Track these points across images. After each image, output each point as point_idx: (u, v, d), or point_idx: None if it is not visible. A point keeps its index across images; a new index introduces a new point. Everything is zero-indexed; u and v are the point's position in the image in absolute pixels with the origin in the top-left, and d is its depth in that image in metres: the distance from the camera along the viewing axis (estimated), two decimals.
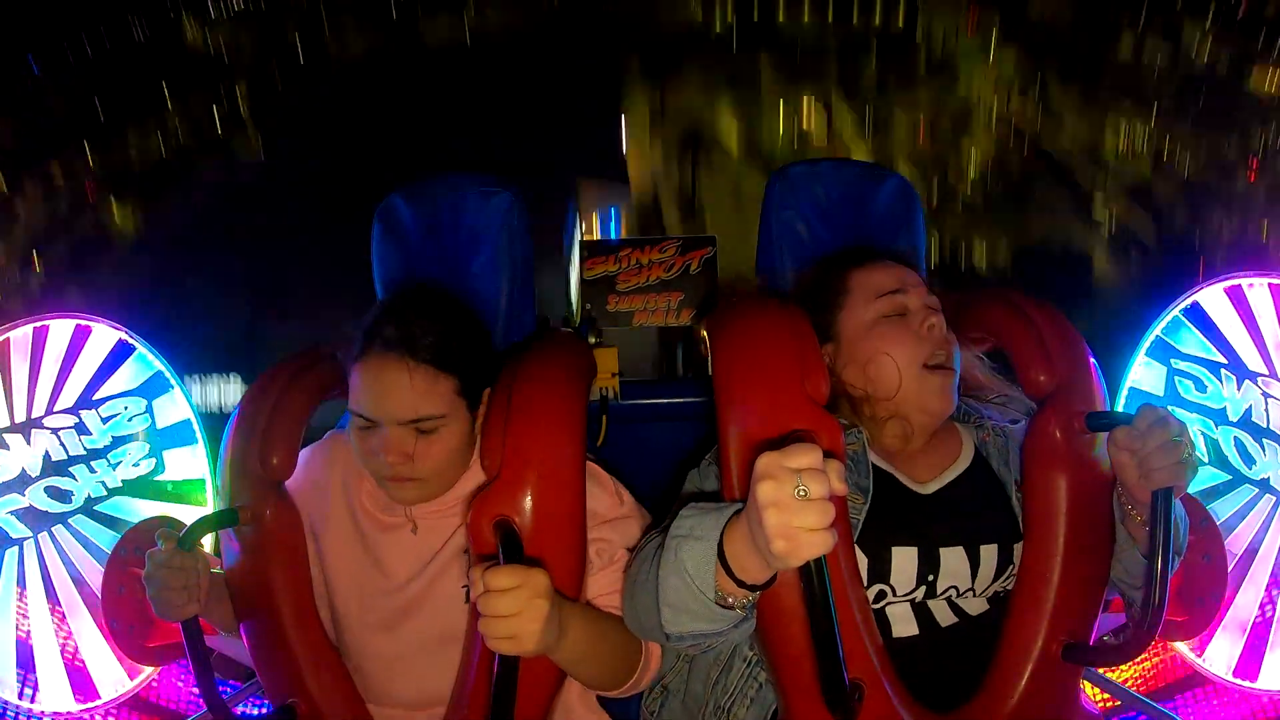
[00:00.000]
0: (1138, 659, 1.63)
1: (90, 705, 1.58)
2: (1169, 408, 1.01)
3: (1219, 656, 1.59)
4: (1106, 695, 1.52)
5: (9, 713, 1.56)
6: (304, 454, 1.24)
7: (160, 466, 1.66)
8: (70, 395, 1.64)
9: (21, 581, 1.60)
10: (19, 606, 1.59)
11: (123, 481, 1.64)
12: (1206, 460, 1.62)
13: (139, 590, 1.12)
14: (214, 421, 1.64)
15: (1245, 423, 1.62)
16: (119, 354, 1.66)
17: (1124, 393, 1.69)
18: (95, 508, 1.63)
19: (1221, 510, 1.60)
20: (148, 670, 1.59)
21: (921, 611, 1.08)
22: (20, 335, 1.63)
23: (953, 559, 1.07)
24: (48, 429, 1.62)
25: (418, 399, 1.06)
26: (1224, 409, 1.63)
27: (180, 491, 1.66)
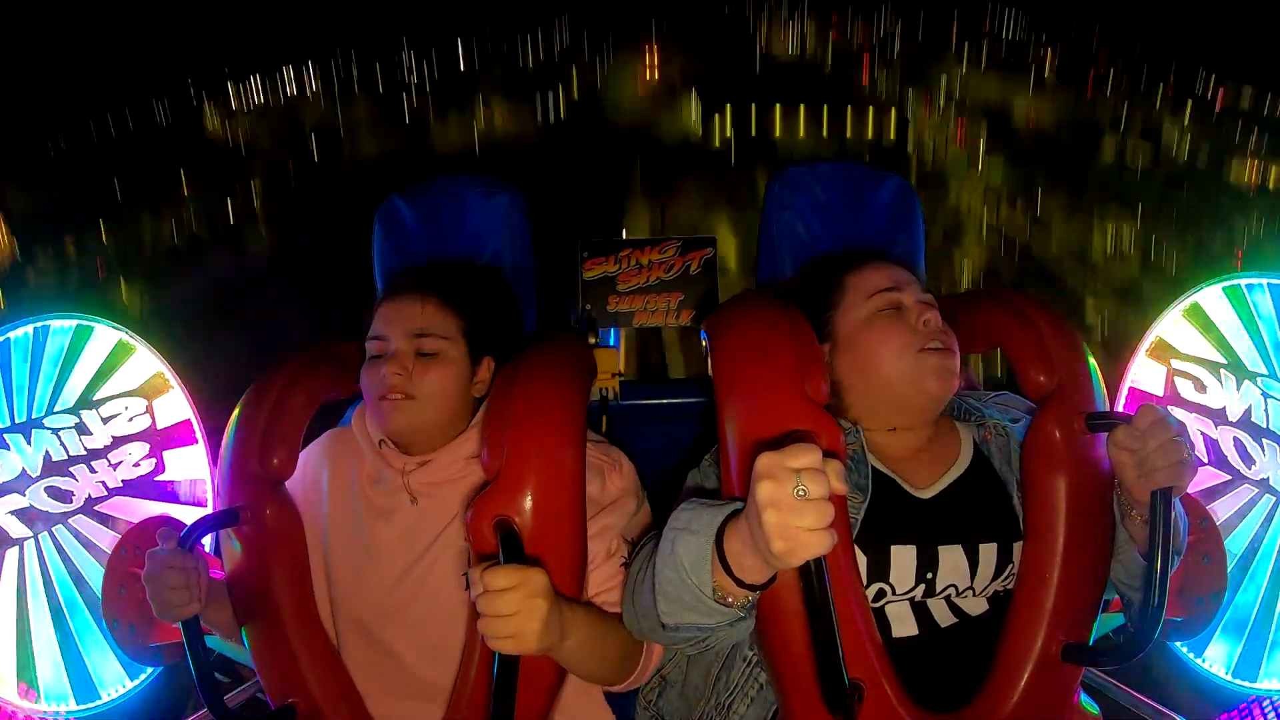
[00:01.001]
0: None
1: (90, 705, 1.58)
2: (1168, 408, 1.01)
3: (1219, 656, 1.59)
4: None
5: (9, 712, 1.56)
6: (304, 452, 1.25)
7: (160, 467, 1.66)
8: (71, 395, 1.64)
9: (22, 581, 1.60)
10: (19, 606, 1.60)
11: (123, 481, 1.64)
12: (1206, 460, 1.63)
13: (139, 590, 1.12)
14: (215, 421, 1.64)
15: (1245, 423, 1.62)
16: (119, 354, 1.66)
17: (1124, 393, 1.69)
18: (95, 508, 1.63)
19: (1221, 510, 1.60)
20: (148, 670, 1.59)
21: (921, 611, 1.08)
22: (21, 335, 1.63)
23: (951, 557, 1.07)
24: (48, 429, 1.62)
25: (426, 318, 1.19)
26: (1223, 409, 1.63)
27: (180, 492, 1.67)
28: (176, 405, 1.67)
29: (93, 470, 1.63)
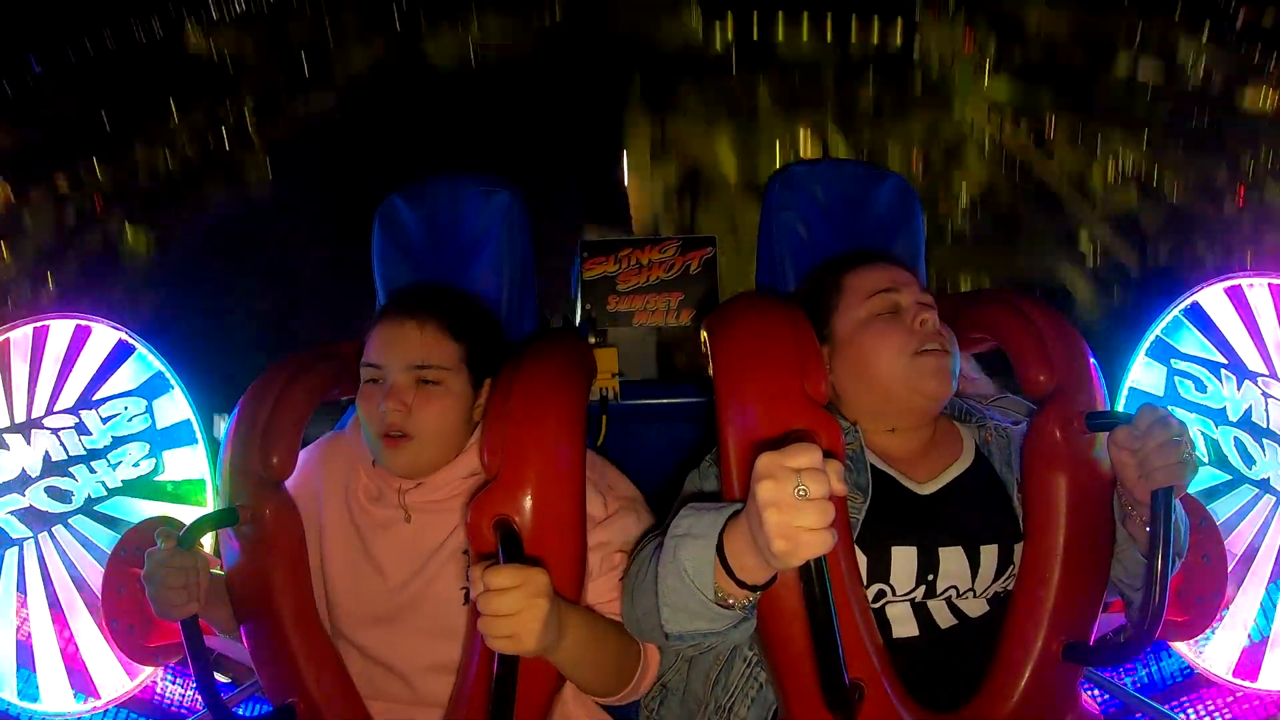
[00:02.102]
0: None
1: (90, 705, 1.58)
2: (1169, 408, 1.01)
3: (1219, 656, 1.59)
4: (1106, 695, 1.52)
5: (9, 712, 1.56)
6: (300, 455, 1.24)
7: (160, 467, 1.66)
8: (70, 395, 1.64)
9: (22, 581, 1.60)
10: (19, 606, 1.60)
11: (123, 482, 1.64)
12: (1206, 460, 1.62)
13: (139, 590, 1.12)
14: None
15: (1245, 423, 1.62)
16: (119, 354, 1.66)
17: (1124, 393, 1.69)
18: (95, 508, 1.63)
19: (1221, 510, 1.60)
20: (148, 670, 1.59)
21: (921, 612, 1.08)
22: (20, 335, 1.63)
23: (952, 559, 1.07)
24: (48, 429, 1.62)
25: (425, 347, 1.14)
26: (1224, 409, 1.63)
27: (180, 492, 1.66)
28: (176, 405, 1.67)
29: (92, 470, 1.63)
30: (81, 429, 1.63)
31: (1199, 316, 1.66)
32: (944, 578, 1.07)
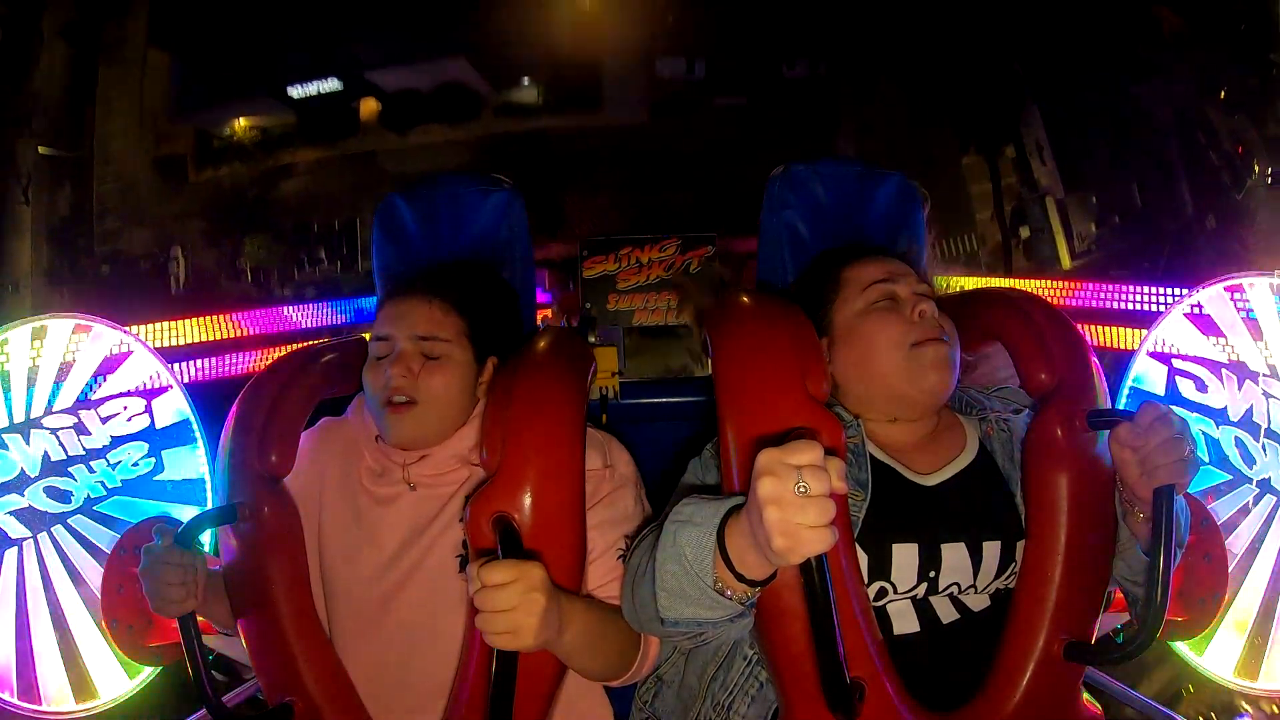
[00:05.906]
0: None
1: (90, 705, 1.58)
2: (1170, 406, 1.01)
3: (1219, 656, 1.59)
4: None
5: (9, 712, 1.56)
6: (300, 440, 1.25)
7: (159, 466, 1.66)
8: (69, 395, 1.63)
9: (21, 581, 1.59)
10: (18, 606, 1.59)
11: (122, 481, 1.64)
12: (1207, 460, 1.62)
13: (138, 590, 1.12)
14: (214, 421, 1.64)
15: (1246, 423, 1.62)
16: (119, 354, 1.66)
17: (1125, 392, 1.69)
18: (94, 508, 1.62)
19: (1222, 510, 1.59)
20: (147, 670, 1.58)
21: (923, 608, 1.08)
22: (19, 334, 1.63)
23: (954, 555, 1.07)
24: (46, 429, 1.61)
25: (431, 319, 1.19)
26: (1225, 409, 1.63)
27: (179, 491, 1.66)
28: (176, 405, 1.67)
29: (91, 470, 1.63)
30: (81, 429, 1.63)
31: (1199, 316, 1.66)
32: (946, 574, 1.07)
